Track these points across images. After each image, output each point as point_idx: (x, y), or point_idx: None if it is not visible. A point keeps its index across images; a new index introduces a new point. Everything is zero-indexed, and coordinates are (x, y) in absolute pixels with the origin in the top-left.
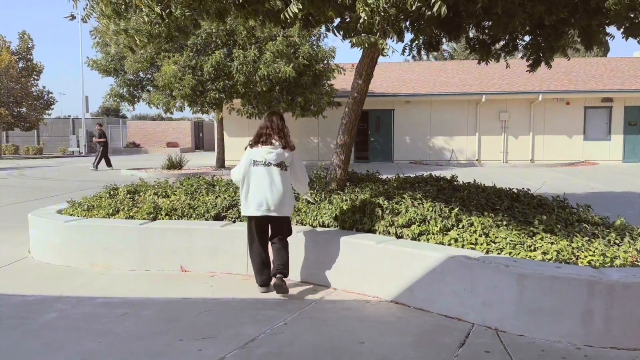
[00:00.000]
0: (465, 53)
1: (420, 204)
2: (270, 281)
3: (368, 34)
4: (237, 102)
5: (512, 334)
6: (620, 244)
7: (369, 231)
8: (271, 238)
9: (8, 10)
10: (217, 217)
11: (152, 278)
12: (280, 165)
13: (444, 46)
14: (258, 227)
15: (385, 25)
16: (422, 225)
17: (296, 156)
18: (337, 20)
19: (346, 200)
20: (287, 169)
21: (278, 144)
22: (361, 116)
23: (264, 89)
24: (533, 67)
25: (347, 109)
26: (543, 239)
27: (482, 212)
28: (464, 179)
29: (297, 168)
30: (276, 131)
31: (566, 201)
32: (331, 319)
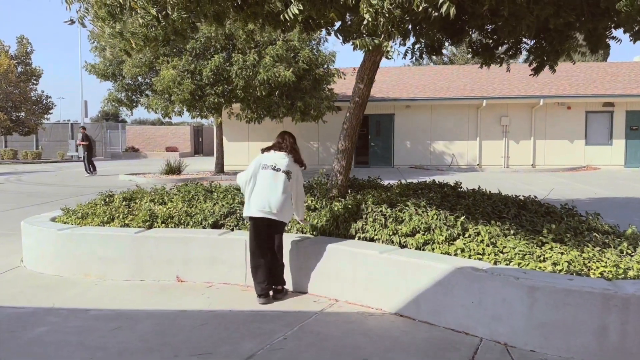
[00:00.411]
0: (465, 57)
1: (424, 212)
2: (269, 291)
3: (372, 36)
4: (237, 107)
5: (523, 350)
6: (632, 254)
7: (372, 240)
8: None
9: (7, 14)
10: (215, 225)
11: (147, 289)
12: (287, 173)
13: (444, 50)
14: (258, 231)
15: (389, 27)
16: (427, 234)
17: (300, 175)
18: (338, 23)
19: (348, 207)
20: (291, 180)
21: (291, 156)
22: (362, 121)
23: (264, 94)
24: (537, 72)
25: (349, 114)
26: (553, 249)
27: (489, 221)
28: (467, 185)
29: (297, 186)
30: (289, 148)
31: (575, 209)
32: (333, 334)
